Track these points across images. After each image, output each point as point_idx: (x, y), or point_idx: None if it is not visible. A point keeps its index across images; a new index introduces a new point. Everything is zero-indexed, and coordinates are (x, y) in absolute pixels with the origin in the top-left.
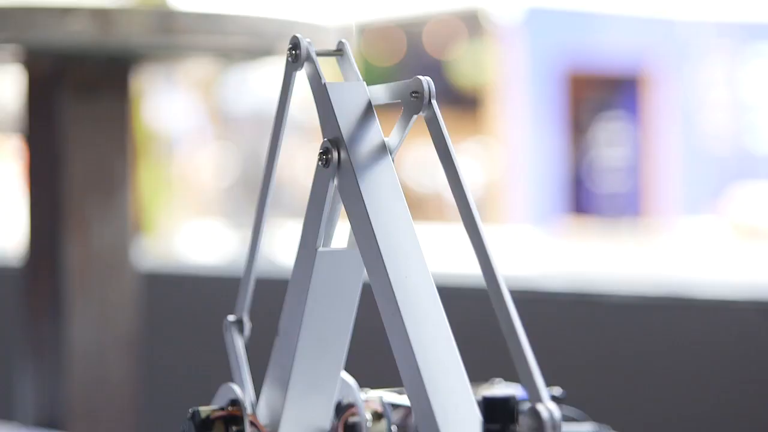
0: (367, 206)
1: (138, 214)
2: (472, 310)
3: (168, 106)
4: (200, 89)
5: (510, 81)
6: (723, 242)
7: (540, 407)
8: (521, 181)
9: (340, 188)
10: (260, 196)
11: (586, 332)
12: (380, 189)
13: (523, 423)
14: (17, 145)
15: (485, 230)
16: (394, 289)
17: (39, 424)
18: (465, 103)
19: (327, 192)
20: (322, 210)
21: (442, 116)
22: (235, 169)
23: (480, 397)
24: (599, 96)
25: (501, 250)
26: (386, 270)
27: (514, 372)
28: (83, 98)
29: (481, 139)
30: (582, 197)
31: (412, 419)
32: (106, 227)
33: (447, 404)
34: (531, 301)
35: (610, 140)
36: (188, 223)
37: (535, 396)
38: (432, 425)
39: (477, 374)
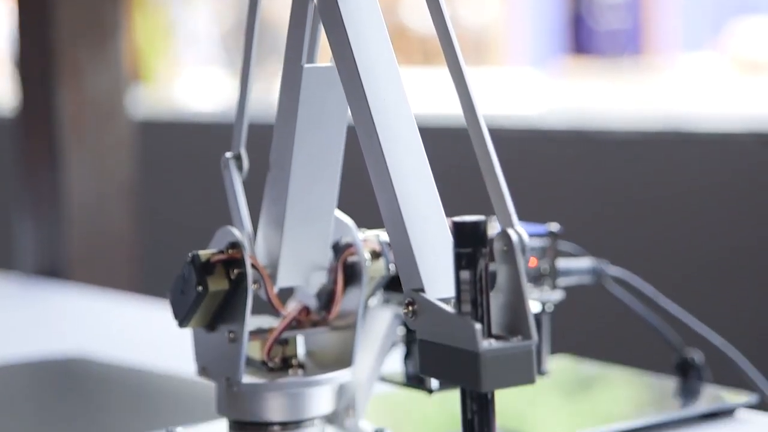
0: (343, 16)
1: (135, 62)
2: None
3: None
4: None
5: None
6: (724, 77)
7: (510, 231)
8: (520, 22)
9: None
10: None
11: (586, 169)
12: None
13: (493, 246)
14: None
15: (456, 37)
16: (371, 107)
17: (40, 273)
18: None
19: (308, 4)
20: (305, 24)
21: None
22: (233, 16)
23: (450, 223)
24: None
25: (501, 92)
26: (361, 81)
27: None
28: None
29: None
30: (582, 36)
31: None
32: (100, 75)
33: (421, 230)
34: (530, 139)
35: None
36: (186, 71)
37: (505, 220)
38: (407, 250)
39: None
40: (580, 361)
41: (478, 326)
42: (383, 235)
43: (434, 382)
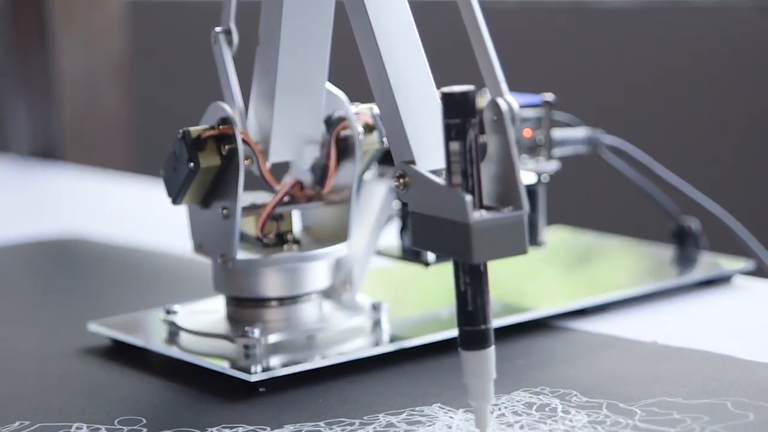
0: None
1: None
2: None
3: None
4: None
5: None
6: None
7: (499, 100)
8: None
9: None
10: None
11: (581, 38)
12: None
13: (483, 116)
14: None
15: None
16: None
17: (34, 154)
18: None
19: None
20: None
21: None
22: None
23: (438, 93)
24: None
25: None
26: None
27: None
28: None
29: None
30: None
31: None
32: None
33: (411, 102)
34: (525, 10)
35: None
36: None
37: (495, 89)
38: (397, 122)
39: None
40: (577, 232)
41: (468, 197)
42: (377, 109)
43: (431, 255)
